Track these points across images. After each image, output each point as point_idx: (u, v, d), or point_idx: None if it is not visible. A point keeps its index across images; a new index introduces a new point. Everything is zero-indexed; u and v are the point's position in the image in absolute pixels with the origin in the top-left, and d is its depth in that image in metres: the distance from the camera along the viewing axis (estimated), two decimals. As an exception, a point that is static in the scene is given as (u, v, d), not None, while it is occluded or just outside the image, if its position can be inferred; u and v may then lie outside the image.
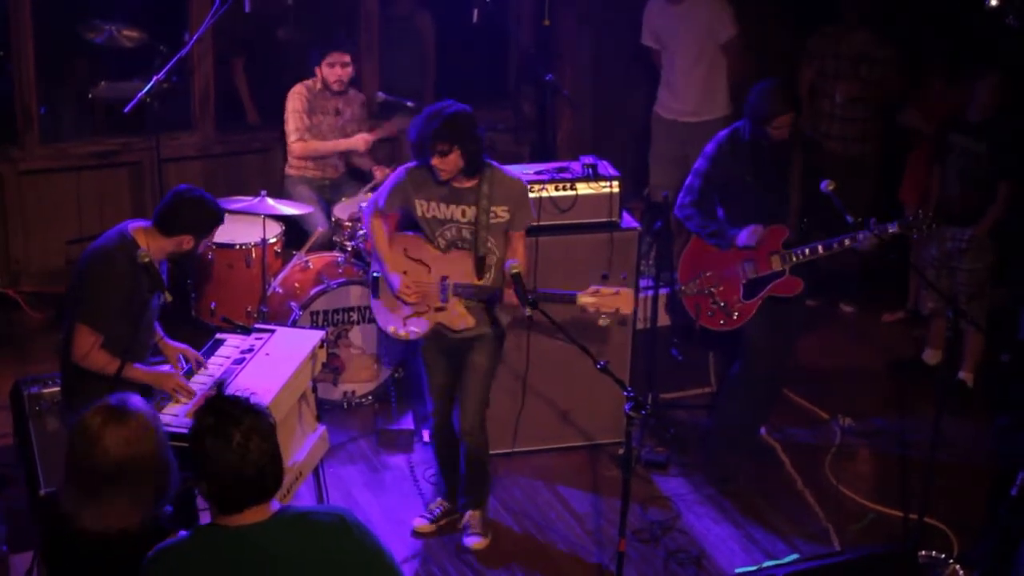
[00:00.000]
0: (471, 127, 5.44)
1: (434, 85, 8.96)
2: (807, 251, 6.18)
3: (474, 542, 5.92)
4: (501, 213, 5.54)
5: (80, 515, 3.58)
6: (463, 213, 5.54)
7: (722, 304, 6.41)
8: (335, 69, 7.62)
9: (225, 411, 3.33)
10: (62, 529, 3.63)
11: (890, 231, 5.98)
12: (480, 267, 5.57)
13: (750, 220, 6.28)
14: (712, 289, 6.45)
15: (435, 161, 5.40)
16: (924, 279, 6.99)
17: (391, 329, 5.74)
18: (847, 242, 6.10)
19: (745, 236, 6.26)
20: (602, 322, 5.45)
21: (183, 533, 3.40)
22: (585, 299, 5.44)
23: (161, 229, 5.19)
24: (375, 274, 5.76)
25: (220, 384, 3.40)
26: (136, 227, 5.21)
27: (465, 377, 5.72)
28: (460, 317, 5.61)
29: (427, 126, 5.39)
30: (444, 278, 5.59)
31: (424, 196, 5.56)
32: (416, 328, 5.67)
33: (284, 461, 3.43)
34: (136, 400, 3.67)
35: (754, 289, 6.35)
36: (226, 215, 7.17)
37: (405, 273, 5.64)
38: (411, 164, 5.61)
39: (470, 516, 5.97)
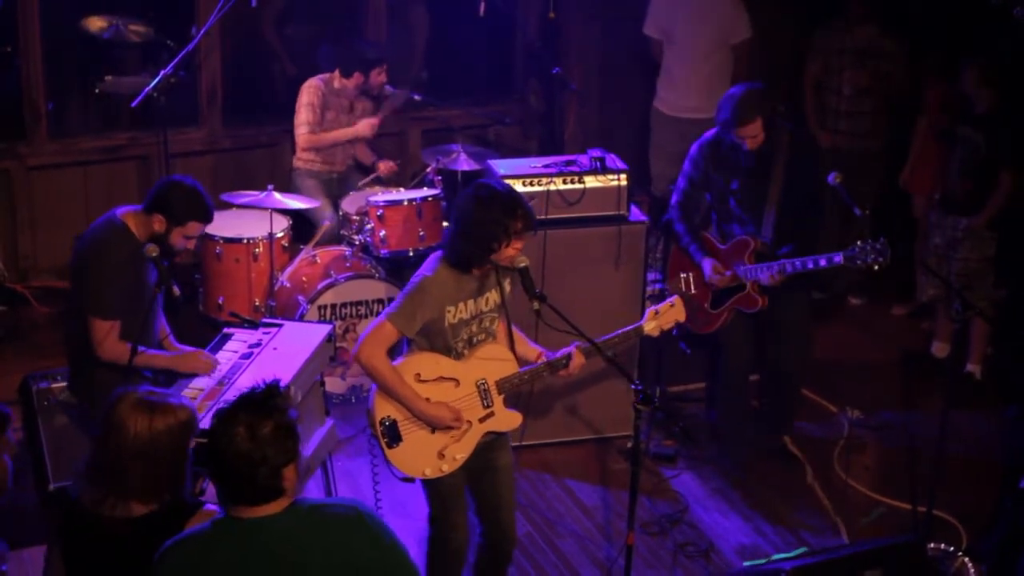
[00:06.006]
0: None
1: (424, 78, 9.00)
2: (761, 271, 6.16)
3: None
4: (507, 285, 5.00)
5: (101, 502, 3.61)
6: (487, 301, 4.91)
7: (694, 308, 6.43)
8: (381, 76, 7.81)
9: (255, 409, 3.32)
10: (80, 520, 3.65)
11: (835, 261, 5.89)
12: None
13: (730, 226, 6.33)
14: (689, 292, 6.46)
15: (514, 248, 4.75)
16: (927, 267, 6.99)
17: (426, 472, 4.91)
18: (786, 270, 6.05)
19: (708, 270, 6.31)
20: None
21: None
22: (649, 326, 5.13)
23: (144, 207, 5.24)
24: (386, 422, 4.90)
25: (275, 384, 3.40)
26: (124, 212, 5.26)
27: (496, 481, 5.08)
28: (510, 415, 5.02)
29: (506, 216, 4.68)
30: (480, 381, 4.95)
31: (454, 301, 4.81)
32: (461, 454, 4.92)
33: None
34: (171, 392, 3.77)
35: (720, 300, 6.36)
36: (233, 209, 7.29)
37: (428, 400, 4.87)
38: (429, 272, 4.80)
39: None
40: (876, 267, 5.80)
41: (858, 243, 5.82)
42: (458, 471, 4.96)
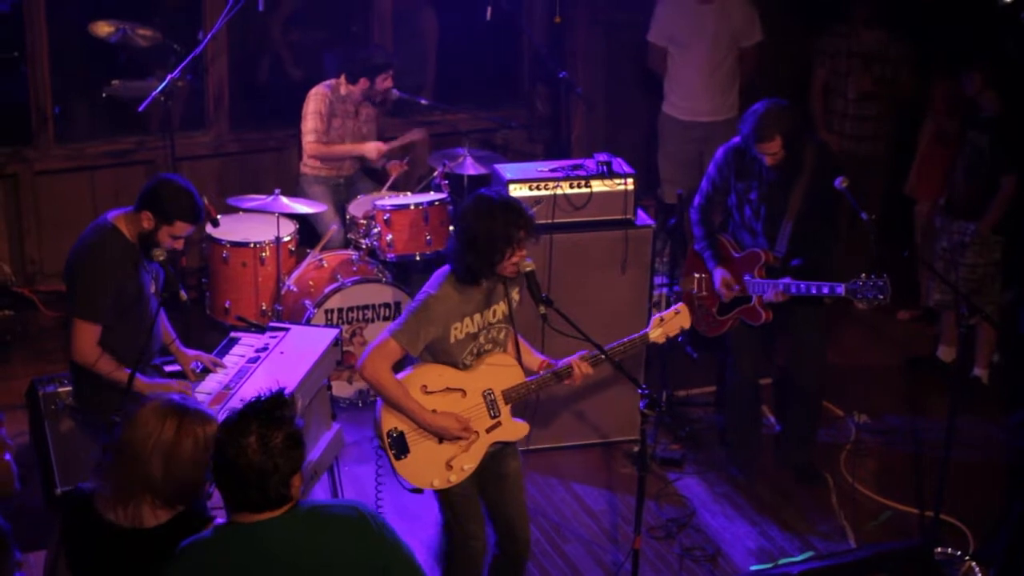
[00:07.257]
0: None
1: (434, 82, 9.01)
2: (767, 288, 6.13)
3: None
4: (515, 295, 5.00)
5: (113, 507, 3.58)
6: (494, 313, 4.90)
7: (703, 311, 6.41)
8: (387, 82, 7.80)
9: (265, 419, 3.32)
10: (89, 525, 3.63)
11: (837, 292, 5.84)
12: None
13: (742, 234, 6.32)
14: (700, 293, 6.45)
15: (518, 255, 4.74)
16: (933, 271, 6.98)
17: (434, 483, 4.92)
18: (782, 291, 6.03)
19: (717, 282, 6.29)
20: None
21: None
22: (655, 333, 5.09)
23: (135, 205, 5.19)
24: (393, 434, 4.89)
25: (281, 392, 3.39)
26: (115, 215, 5.22)
27: (506, 489, 5.06)
28: (517, 425, 5.02)
29: (507, 226, 4.67)
30: (487, 391, 4.93)
31: (459, 316, 4.80)
32: (469, 464, 4.91)
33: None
34: (193, 401, 3.72)
35: (727, 308, 6.35)
36: (240, 213, 7.30)
37: (435, 412, 4.86)
38: (433, 290, 4.78)
39: None
40: (876, 304, 5.78)
41: (862, 276, 5.77)
42: (467, 481, 4.94)
